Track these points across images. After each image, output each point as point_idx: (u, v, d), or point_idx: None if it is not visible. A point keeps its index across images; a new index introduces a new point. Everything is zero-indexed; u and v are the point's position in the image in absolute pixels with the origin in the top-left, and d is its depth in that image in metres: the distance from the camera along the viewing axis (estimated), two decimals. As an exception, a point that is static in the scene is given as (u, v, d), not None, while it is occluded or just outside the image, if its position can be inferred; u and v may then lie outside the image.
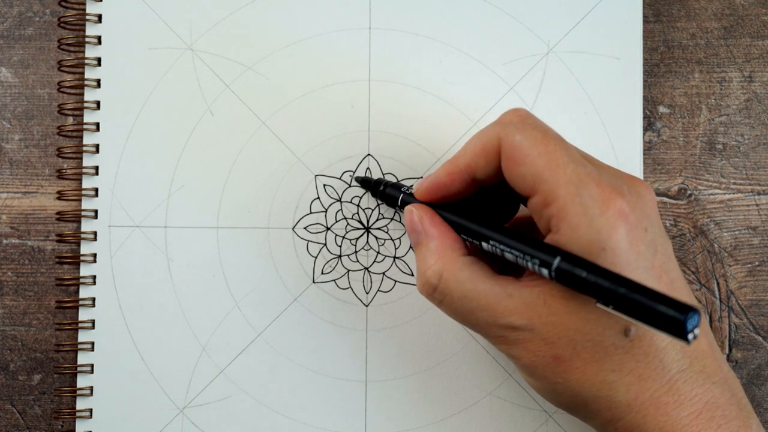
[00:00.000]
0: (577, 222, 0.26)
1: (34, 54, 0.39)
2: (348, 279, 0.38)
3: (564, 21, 0.38)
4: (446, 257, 0.29)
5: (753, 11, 0.39)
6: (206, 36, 0.38)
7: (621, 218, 0.26)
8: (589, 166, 0.27)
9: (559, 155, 0.27)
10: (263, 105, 0.38)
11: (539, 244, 0.27)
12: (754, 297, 0.38)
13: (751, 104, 0.39)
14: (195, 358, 0.37)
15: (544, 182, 0.26)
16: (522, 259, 0.27)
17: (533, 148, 0.27)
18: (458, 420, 0.37)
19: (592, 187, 0.26)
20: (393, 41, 0.38)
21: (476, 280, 0.28)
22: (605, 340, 0.26)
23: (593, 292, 0.25)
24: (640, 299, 0.23)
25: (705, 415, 0.26)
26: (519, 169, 0.27)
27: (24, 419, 0.38)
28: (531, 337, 0.27)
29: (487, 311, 0.28)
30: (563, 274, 0.25)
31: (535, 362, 0.27)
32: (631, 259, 0.26)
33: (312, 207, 0.38)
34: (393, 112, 0.38)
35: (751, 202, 0.38)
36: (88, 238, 0.38)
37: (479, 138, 0.29)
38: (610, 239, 0.25)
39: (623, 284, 0.24)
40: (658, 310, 0.23)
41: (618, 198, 0.26)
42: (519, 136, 0.27)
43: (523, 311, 0.27)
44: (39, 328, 0.38)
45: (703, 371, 0.27)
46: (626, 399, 0.26)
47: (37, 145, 0.39)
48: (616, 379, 0.26)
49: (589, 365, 0.26)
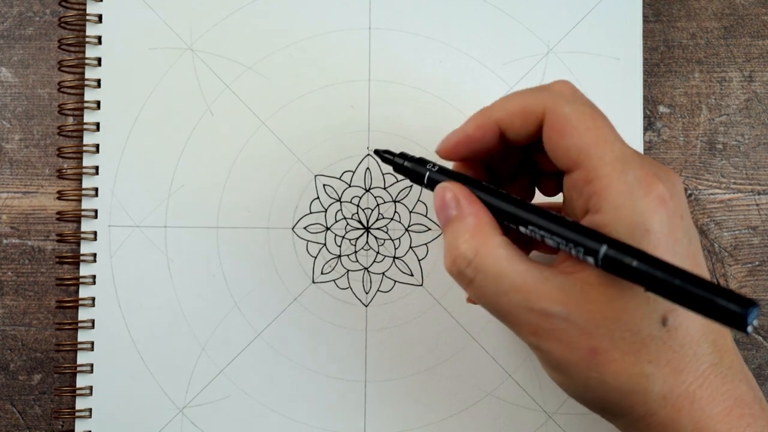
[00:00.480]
0: (622, 202, 0.25)
1: (35, 54, 0.39)
2: (348, 279, 0.38)
3: (564, 21, 0.38)
4: (483, 234, 0.27)
5: (753, 11, 0.39)
6: (206, 36, 0.38)
7: (662, 204, 0.25)
8: (632, 149, 0.26)
9: (606, 132, 0.26)
10: (263, 105, 0.38)
11: (583, 229, 0.26)
12: (755, 297, 0.38)
13: (751, 104, 0.39)
14: (194, 357, 0.37)
15: (589, 157, 0.26)
16: (565, 246, 0.26)
17: (582, 122, 0.26)
18: (458, 420, 0.37)
19: (636, 169, 0.25)
20: (393, 41, 0.38)
21: (513, 259, 0.26)
22: (643, 330, 0.25)
23: (644, 281, 0.24)
24: (697, 291, 0.23)
25: (736, 412, 0.26)
26: (565, 141, 0.26)
27: (24, 419, 0.38)
28: (566, 326, 0.26)
29: (521, 293, 0.26)
30: (611, 262, 0.24)
31: (569, 356, 0.26)
32: (670, 245, 0.25)
33: (312, 207, 0.38)
34: (393, 112, 0.38)
35: (751, 202, 0.38)
36: (88, 238, 0.38)
37: (521, 99, 0.28)
38: (653, 222, 0.25)
39: (677, 274, 0.23)
40: (717, 303, 0.22)
41: (659, 183, 0.25)
42: (569, 108, 0.26)
43: (559, 297, 0.26)
44: (39, 328, 0.38)
45: (731, 367, 0.27)
46: (662, 392, 0.26)
47: (37, 145, 0.39)
48: (653, 371, 0.25)
49: (626, 357, 0.25)
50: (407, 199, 0.38)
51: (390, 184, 0.38)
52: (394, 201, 0.38)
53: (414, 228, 0.38)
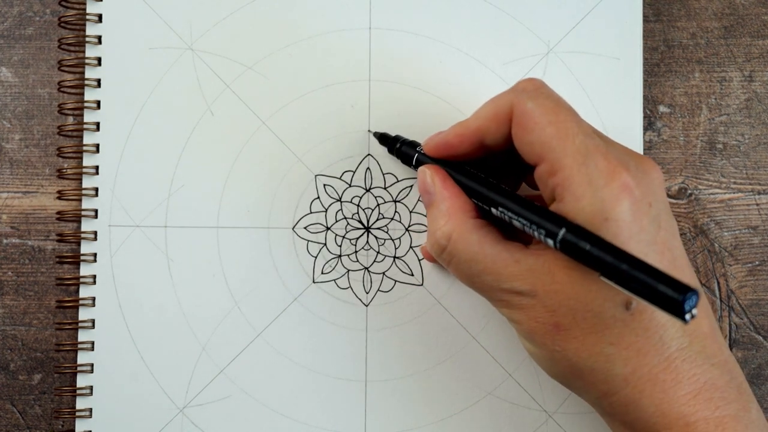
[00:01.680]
0: (582, 192, 0.26)
1: (35, 54, 0.39)
2: (348, 279, 0.38)
3: (564, 21, 0.38)
4: (456, 219, 0.29)
5: (753, 11, 0.39)
6: (206, 36, 0.38)
7: (625, 191, 0.26)
8: (598, 140, 0.27)
9: (569, 126, 0.27)
10: (263, 105, 0.38)
11: (547, 213, 0.27)
12: (755, 296, 0.38)
13: (751, 104, 0.39)
14: (195, 357, 0.37)
15: (551, 150, 0.27)
16: (529, 227, 0.27)
17: (544, 117, 0.27)
18: (458, 420, 0.37)
19: (599, 159, 0.26)
20: (393, 41, 0.38)
21: (484, 243, 0.28)
22: (605, 312, 0.26)
23: (596, 265, 0.25)
24: (640, 276, 0.23)
25: (703, 395, 0.26)
26: (528, 136, 0.27)
27: (24, 419, 0.38)
28: (533, 303, 0.27)
29: (492, 275, 0.28)
30: (568, 246, 0.25)
31: (535, 328, 0.28)
32: (634, 232, 0.26)
33: (312, 207, 0.38)
34: (393, 112, 0.38)
35: (751, 202, 0.38)
36: (88, 237, 0.38)
37: (492, 103, 0.29)
38: (613, 210, 0.26)
39: (625, 260, 0.24)
40: (658, 289, 0.23)
41: (624, 172, 0.26)
42: (531, 103, 0.28)
43: (528, 277, 0.27)
44: (39, 328, 0.38)
45: (702, 352, 0.27)
46: (623, 373, 0.26)
47: (38, 145, 0.39)
48: (614, 352, 0.26)
49: (588, 336, 0.27)
50: (407, 199, 0.38)
51: (390, 183, 0.38)
52: (394, 201, 0.38)
53: (414, 228, 0.38)
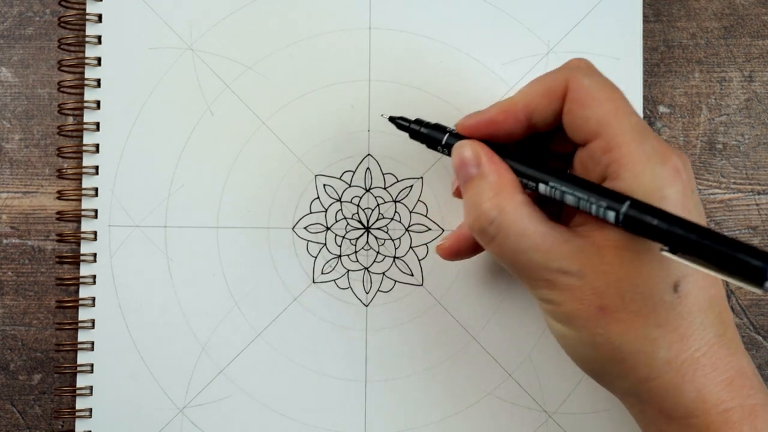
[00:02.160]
0: (641, 169, 0.26)
1: (34, 54, 0.39)
2: (348, 279, 0.38)
3: (564, 21, 0.38)
4: (506, 192, 0.28)
5: (753, 11, 0.39)
6: (206, 36, 0.38)
7: (677, 174, 0.26)
8: (645, 123, 0.28)
9: (624, 104, 0.27)
10: (263, 105, 0.38)
11: (604, 189, 0.26)
12: (755, 297, 0.38)
13: (751, 104, 0.39)
14: (195, 357, 0.37)
15: (609, 126, 0.27)
16: (586, 202, 0.26)
17: (601, 93, 0.27)
18: (458, 420, 0.37)
19: (653, 140, 0.27)
20: (393, 41, 0.38)
21: (535, 219, 0.28)
22: (655, 294, 0.26)
23: (665, 238, 0.24)
24: (717, 247, 0.23)
25: (737, 382, 0.26)
26: (585, 111, 0.27)
27: (24, 419, 0.38)
28: (580, 284, 0.27)
29: (540, 252, 0.27)
30: (631, 221, 0.25)
31: (578, 311, 0.27)
32: (684, 214, 0.26)
33: (312, 207, 0.38)
34: (393, 112, 0.38)
35: (751, 202, 0.38)
36: (88, 237, 0.38)
37: (543, 80, 0.29)
38: (669, 189, 0.26)
39: (697, 231, 0.24)
40: (738, 257, 0.22)
41: (673, 155, 0.27)
42: (588, 80, 0.28)
43: (577, 257, 0.27)
44: (39, 328, 0.38)
45: (734, 339, 0.27)
46: (667, 356, 0.26)
47: (37, 145, 0.39)
48: (660, 335, 0.26)
49: (635, 318, 0.26)
50: (407, 199, 0.38)
51: (390, 184, 0.38)
52: (394, 201, 0.38)
53: (414, 228, 0.38)
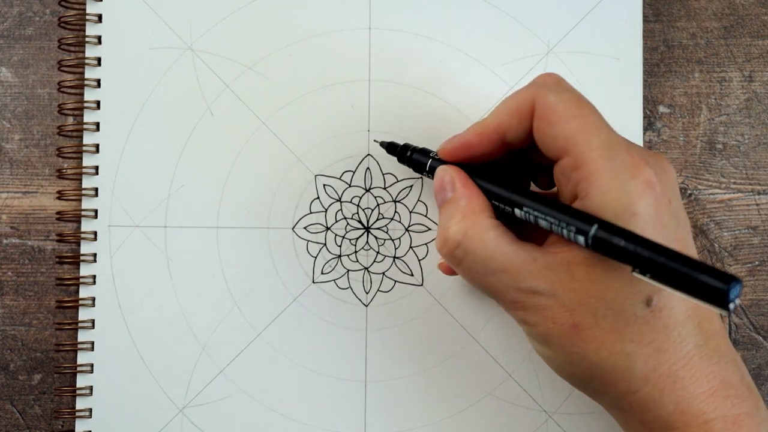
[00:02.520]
0: (609, 187, 0.26)
1: (34, 54, 0.39)
2: (348, 279, 0.38)
3: (564, 21, 0.38)
4: (474, 215, 0.29)
5: (753, 11, 0.39)
6: (206, 36, 0.38)
7: (649, 187, 0.26)
8: (619, 135, 0.27)
9: (593, 119, 0.27)
10: (263, 105, 0.38)
11: (574, 211, 0.26)
12: (755, 297, 0.38)
13: (751, 104, 0.39)
14: (194, 357, 0.37)
15: (576, 144, 0.26)
16: (557, 226, 0.27)
17: (568, 110, 0.27)
18: (458, 420, 0.37)
19: (623, 154, 0.26)
20: (393, 41, 0.38)
21: (501, 241, 0.28)
22: (626, 310, 0.26)
23: (632, 260, 0.24)
24: (681, 268, 0.23)
25: (720, 393, 0.26)
26: (552, 129, 0.27)
27: (24, 419, 0.38)
28: (551, 303, 0.27)
29: (509, 273, 0.27)
30: (600, 242, 0.25)
31: (551, 330, 0.27)
32: (658, 229, 0.26)
33: (312, 207, 0.38)
34: (393, 112, 0.38)
35: (751, 202, 0.38)
36: (88, 237, 0.38)
37: (513, 99, 0.29)
38: (639, 205, 0.25)
39: (663, 253, 0.23)
40: (701, 280, 0.22)
41: (646, 167, 0.26)
42: (554, 97, 0.27)
43: (546, 276, 0.27)
44: (39, 328, 0.38)
45: (717, 349, 0.27)
46: (644, 371, 0.26)
47: (37, 145, 0.39)
48: (635, 350, 0.26)
49: (608, 334, 0.26)
50: (407, 199, 0.38)
51: (390, 184, 0.38)
52: (394, 201, 0.38)
53: (414, 228, 0.38)
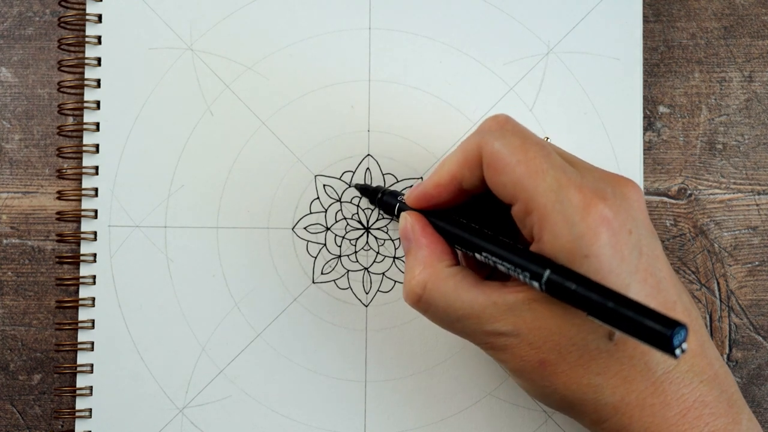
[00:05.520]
0: (558, 230, 0.26)
1: (34, 54, 0.39)
2: (348, 279, 0.38)
3: (564, 21, 0.38)
4: (432, 267, 0.29)
5: (753, 11, 0.39)
6: (206, 36, 0.38)
7: (603, 224, 0.25)
8: (571, 171, 0.26)
9: (538, 162, 0.26)
10: (263, 105, 0.38)
11: (530, 255, 0.27)
12: (755, 297, 0.38)
13: (751, 104, 0.39)
14: (194, 358, 0.37)
15: (523, 190, 0.26)
16: (513, 271, 0.27)
17: (512, 156, 0.27)
18: (458, 420, 0.37)
19: (572, 193, 0.26)
20: (393, 41, 0.38)
21: (460, 290, 0.28)
22: (590, 344, 0.26)
23: (582, 304, 0.25)
24: (627, 313, 0.23)
25: (692, 413, 0.26)
26: (499, 177, 0.27)
27: (24, 419, 0.38)
28: (517, 342, 0.27)
29: (472, 319, 0.28)
30: (553, 287, 0.25)
31: (522, 366, 0.28)
32: (614, 265, 0.25)
33: (312, 207, 0.38)
34: (393, 112, 0.38)
35: (751, 202, 0.38)
36: (88, 238, 0.38)
37: (461, 149, 0.29)
38: (592, 246, 0.25)
39: (611, 297, 0.24)
40: (645, 325, 0.23)
41: (600, 203, 0.26)
42: (498, 143, 0.27)
43: (508, 317, 0.27)
44: (39, 328, 0.38)
45: (690, 370, 0.27)
46: (612, 401, 0.27)
47: (37, 145, 0.39)
48: (602, 382, 0.27)
49: (574, 369, 0.27)
50: (407, 199, 0.38)
51: (390, 184, 0.38)
52: (394, 201, 0.38)
53: (414, 228, 0.38)
